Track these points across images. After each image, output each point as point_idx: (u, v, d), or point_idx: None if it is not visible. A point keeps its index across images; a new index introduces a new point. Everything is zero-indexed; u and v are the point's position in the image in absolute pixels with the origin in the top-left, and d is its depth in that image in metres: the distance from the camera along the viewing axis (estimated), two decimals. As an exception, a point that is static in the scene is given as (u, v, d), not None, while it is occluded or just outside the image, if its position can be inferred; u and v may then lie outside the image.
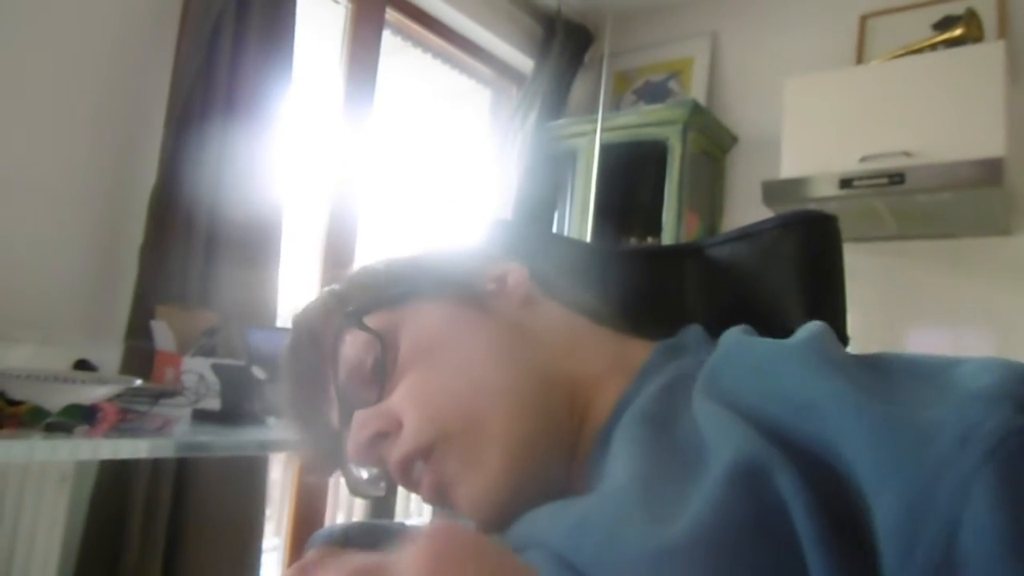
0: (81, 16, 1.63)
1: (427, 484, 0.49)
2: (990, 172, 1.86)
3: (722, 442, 0.36)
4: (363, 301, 0.53)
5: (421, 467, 0.49)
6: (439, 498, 0.49)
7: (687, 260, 0.66)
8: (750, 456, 0.34)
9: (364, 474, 0.56)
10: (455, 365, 0.50)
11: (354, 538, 0.53)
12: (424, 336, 0.52)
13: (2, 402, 0.96)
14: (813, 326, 0.44)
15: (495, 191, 2.76)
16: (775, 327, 0.53)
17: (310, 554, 0.50)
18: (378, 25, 2.42)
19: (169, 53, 1.72)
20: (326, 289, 0.57)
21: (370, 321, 0.52)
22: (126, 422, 1.02)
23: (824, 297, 0.60)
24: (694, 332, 0.55)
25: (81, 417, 0.96)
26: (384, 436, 0.50)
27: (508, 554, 0.47)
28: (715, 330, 0.55)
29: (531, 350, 0.52)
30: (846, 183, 2.04)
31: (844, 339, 0.58)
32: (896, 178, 1.97)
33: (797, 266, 0.60)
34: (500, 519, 0.47)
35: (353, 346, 0.52)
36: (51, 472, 1.42)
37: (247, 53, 1.78)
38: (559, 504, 0.42)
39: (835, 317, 0.60)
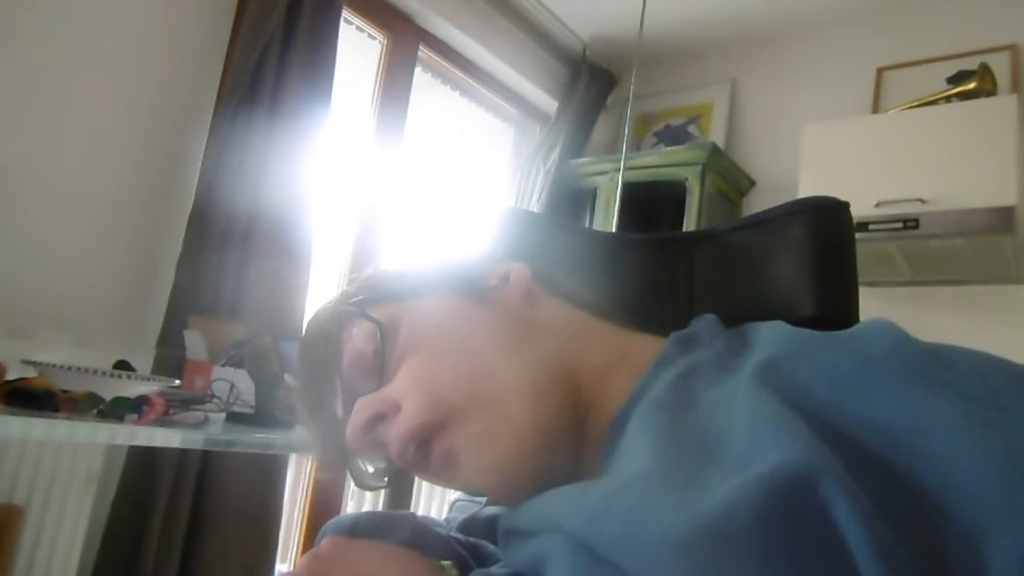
0: (133, 34, 1.73)
1: (436, 458, 0.50)
2: (1002, 220, 1.89)
3: (770, 437, 0.36)
4: (368, 295, 0.56)
5: (413, 449, 0.50)
6: (445, 472, 0.50)
7: (698, 247, 0.66)
8: (802, 459, 0.33)
9: (370, 468, 0.57)
10: (454, 349, 0.52)
11: (364, 528, 0.55)
12: (424, 324, 0.53)
13: (57, 388, 1.02)
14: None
15: (516, 225, 2.81)
16: (785, 313, 0.54)
17: (323, 543, 0.51)
18: (411, 61, 2.53)
19: (216, 74, 1.83)
20: (338, 291, 0.60)
21: (373, 312, 0.54)
22: (169, 415, 1.08)
23: (835, 282, 0.60)
24: (708, 321, 0.55)
25: (131, 407, 1.02)
26: (381, 419, 0.51)
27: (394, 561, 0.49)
28: (724, 317, 0.56)
29: (532, 341, 0.53)
30: (861, 226, 2.08)
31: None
32: (911, 223, 2.01)
33: (807, 252, 0.60)
34: (510, 493, 0.49)
35: (356, 336, 0.54)
36: (79, 471, 1.47)
37: (290, 80, 1.87)
38: (575, 487, 0.42)
39: (846, 302, 0.60)
